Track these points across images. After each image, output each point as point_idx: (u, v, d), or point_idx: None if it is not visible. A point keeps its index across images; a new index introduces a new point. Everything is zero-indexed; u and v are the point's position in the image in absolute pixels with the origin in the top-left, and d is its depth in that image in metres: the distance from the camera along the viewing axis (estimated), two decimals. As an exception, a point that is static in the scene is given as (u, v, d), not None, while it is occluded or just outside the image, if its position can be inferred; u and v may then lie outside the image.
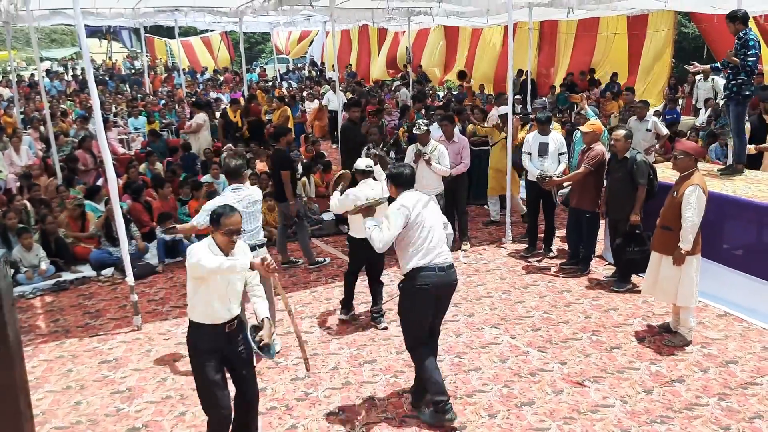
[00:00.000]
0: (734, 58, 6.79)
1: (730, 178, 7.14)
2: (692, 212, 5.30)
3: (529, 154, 7.77)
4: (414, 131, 7.67)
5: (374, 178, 6.05)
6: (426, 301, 4.40)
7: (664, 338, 5.74)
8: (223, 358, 3.93)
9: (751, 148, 7.66)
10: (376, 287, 6.30)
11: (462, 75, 18.32)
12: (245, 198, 5.39)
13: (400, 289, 4.50)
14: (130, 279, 6.32)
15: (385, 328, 6.10)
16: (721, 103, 12.31)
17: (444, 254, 4.45)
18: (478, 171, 10.16)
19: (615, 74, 17.35)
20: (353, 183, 6.00)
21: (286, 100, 15.55)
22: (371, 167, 6.04)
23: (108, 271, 8.00)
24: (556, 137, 7.76)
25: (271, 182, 8.46)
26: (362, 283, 6.39)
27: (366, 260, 6.16)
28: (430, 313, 4.48)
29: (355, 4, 14.29)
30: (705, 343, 5.64)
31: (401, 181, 4.56)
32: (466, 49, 22.37)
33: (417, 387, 4.68)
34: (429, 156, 7.47)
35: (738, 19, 6.82)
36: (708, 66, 7.83)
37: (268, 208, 8.95)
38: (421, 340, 4.52)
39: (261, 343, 3.92)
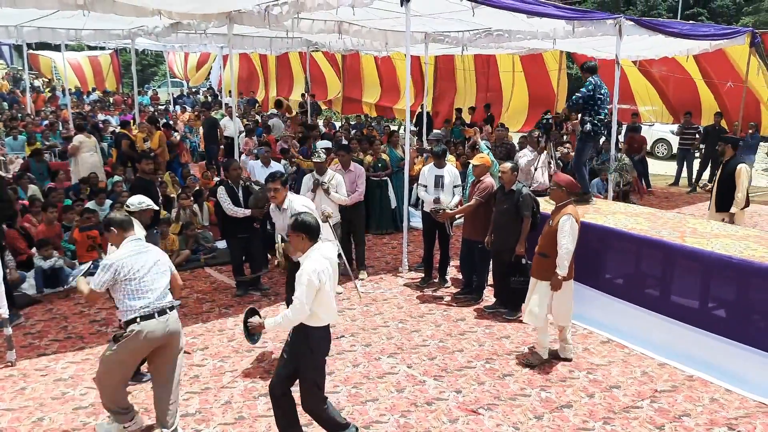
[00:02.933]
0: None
1: (600, 211, 7.60)
2: (567, 240, 5.61)
3: (425, 186, 7.93)
4: (314, 159, 7.64)
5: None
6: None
7: (525, 357, 6.03)
8: None
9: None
10: None
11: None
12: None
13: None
14: (3, 311, 5.85)
15: None
16: (602, 140, 13.17)
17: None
18: (380, 200, 10.35)
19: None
20: None
21: (159, 124, 14.18)
22: (143, 203, 5.81)
23: (-22, 303, 7.37)
24: (451, 170, 7.95)
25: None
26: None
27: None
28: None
29: (254, 33, 14.15)
30: (590, 368, 5.90)
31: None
32: (372, 77, 22.63)
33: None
34: (327, 185, 7.46)
35: (583, 69, 7.97)
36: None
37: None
38: None
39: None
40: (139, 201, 5.71)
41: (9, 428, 4.84)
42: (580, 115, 8.00)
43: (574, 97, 7.86)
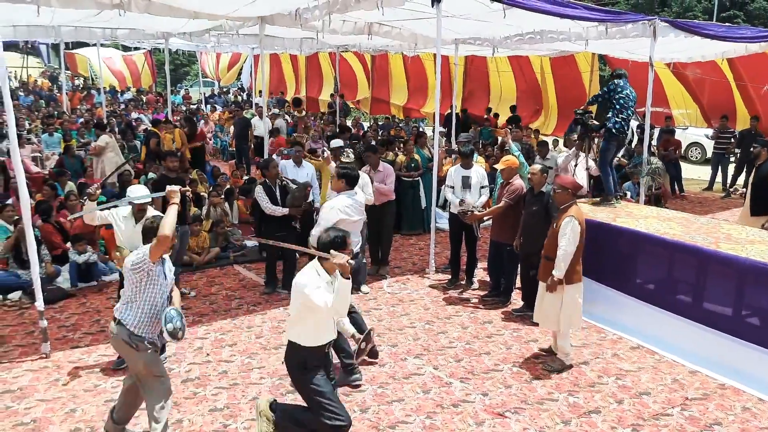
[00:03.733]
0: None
1: (633, 215, 7.51)
2: (566, 242, 5.58)
3: (452, 187, 7.91)
4: (342, 159, 7.68)
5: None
6: None
7: (545, 363, 5.96)
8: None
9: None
10: None
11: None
12: None
13: None
14: (39, 303, 5.98)
15: None
16: (634, 143, 12.99)
17: None
18: (412, 200, 10.38)
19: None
20: None
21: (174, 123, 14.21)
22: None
23: (15, 295, 7.54)
24: (478, 171, 7.92)
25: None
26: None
27: None
28: None
29: (284, 33, 14.25)
30: (620, 374, 5.83)
31: None
32: (400, 78, 22.60)
33: None
34: None
35: (612, 75, 8.37)
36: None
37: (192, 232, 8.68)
38: None
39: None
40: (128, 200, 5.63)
41: (43, 418, 4.94)
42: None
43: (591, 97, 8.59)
